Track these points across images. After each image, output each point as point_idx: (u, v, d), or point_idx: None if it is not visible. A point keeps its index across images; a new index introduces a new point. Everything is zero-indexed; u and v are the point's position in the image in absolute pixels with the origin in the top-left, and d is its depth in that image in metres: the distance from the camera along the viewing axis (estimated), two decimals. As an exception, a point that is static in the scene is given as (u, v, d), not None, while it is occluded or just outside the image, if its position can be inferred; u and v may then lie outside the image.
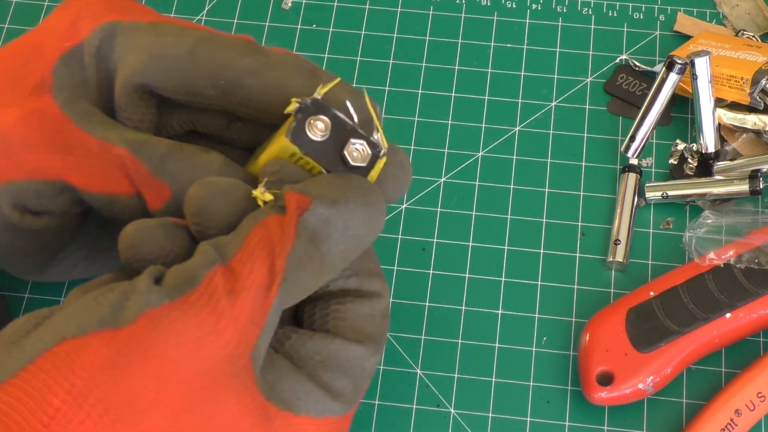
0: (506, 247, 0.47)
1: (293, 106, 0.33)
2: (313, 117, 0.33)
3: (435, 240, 0.47)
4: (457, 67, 0.52)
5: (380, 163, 0.34)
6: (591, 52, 0.52)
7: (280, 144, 0.33)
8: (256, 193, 0.32)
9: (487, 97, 0.51)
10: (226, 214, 0.32)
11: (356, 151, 0.33)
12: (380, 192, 0.33)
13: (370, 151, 0.33)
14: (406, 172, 0.35)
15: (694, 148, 0.48)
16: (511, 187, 0.49)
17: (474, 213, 0.48)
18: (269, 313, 0.30)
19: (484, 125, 0.50)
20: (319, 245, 0.31)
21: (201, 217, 0.32)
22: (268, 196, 0.32)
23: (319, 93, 0.34)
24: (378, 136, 0.34)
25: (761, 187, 0.46)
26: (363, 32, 0.53)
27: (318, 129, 0.33)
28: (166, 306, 0.29)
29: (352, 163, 0.33)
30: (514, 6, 0.54)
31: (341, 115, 0.33)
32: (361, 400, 0.34)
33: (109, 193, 0.35)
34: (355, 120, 0.34)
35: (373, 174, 0.34)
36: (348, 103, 0.34)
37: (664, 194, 0.47)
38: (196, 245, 0.31)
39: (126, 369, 0.28)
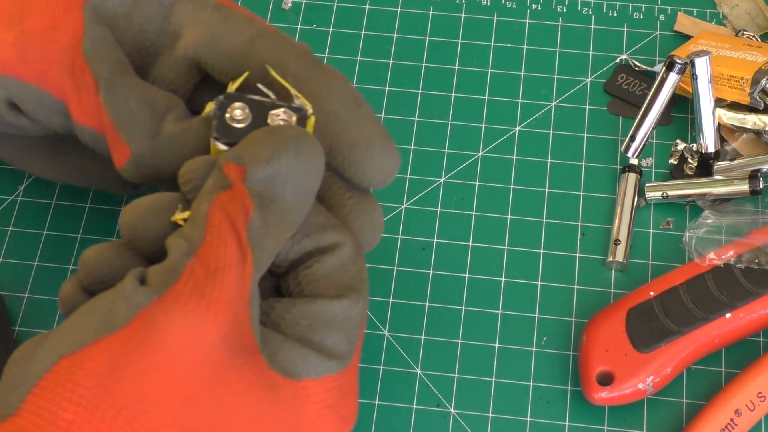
0: (506, 247, 0.47)
1: (209, 108, 0.34)
2: (228, 108, 0.33)
3: (435, 240, 0.47)
4: (457, 67, 0.52)
5: (311, 122, 0.34)
6: (591, 52, 0.52)
7: (213, 147, 0.34)
8: (175, 218, 0.33)
9: (487, 97, 0.51)
10: (157, 229, 0.32)
11: (280, 120, 0.34)
12: (310, 134, 0.33)
13: (295, 115, 0.34)
14: (374, 209, 0.37)
15: (694, 148, 0.48)
16: (511, 187, 0.49)
17: (474, 213, 0.48)
18: (251, 285, 0.31)
19: (484, 125, 0.50)
20: (271, 206, 0.32)
21: (137, 241, 0.33)
22: (186, 214, 0.32)
23: (230, 88, 0.35)
24: (298, 101, 0.34)
25: (761, 187, 0.46)
26: (363, 32, 0.53)
27: (237, 115, 0.33)
28: (156, 302, 0.30)
29: None
30: (514, 6, 0.54)
31: (256, 97, 0.34)
32: (359, 349, 0.34)
33: (96, 129, 0.36)
34: (272, 96, 0.34)
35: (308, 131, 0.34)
36: (258, 85, 0.35)
37: (664, 194, 0.47)
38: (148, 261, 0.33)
39: (128, 369, 0.29)
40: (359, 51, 0.53)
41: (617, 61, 0.52)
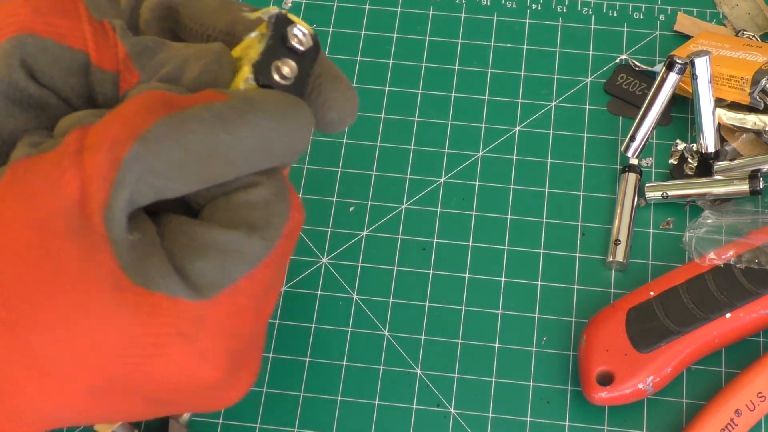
0: (506, 247, 0.47)
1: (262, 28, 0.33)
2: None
3: (435, 240, 0.47)
4: (457, 67, 0.52)
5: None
6: (591, 52, 0.52)
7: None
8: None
9: (487, 97, 0.51)
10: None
11: (296, 36, 0.33)
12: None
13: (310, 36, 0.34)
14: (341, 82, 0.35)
15: (694, 148, 0.48)
16: (511, 187, 0.49)
17: (474, 213, 0.48)
18: (120, 169, 0.29)
19: (484, 125, 0.50)
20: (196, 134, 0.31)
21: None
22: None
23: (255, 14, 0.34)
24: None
25: (761, 187, 0.46)
26: (363, 32, 0.53)
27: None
28: (23, 161, 0.30)
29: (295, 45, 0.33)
30: (514, 6, 0.54)
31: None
32: (269, 302, 0.33)
33: (116, 72, 0.36)
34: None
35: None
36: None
37: (664, 194, 0.47)
38: None
39: None
40: (359, 51, 0.53)
41: (617, 61, 0.52)
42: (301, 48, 0.33)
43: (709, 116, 0.47)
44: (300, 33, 0.33)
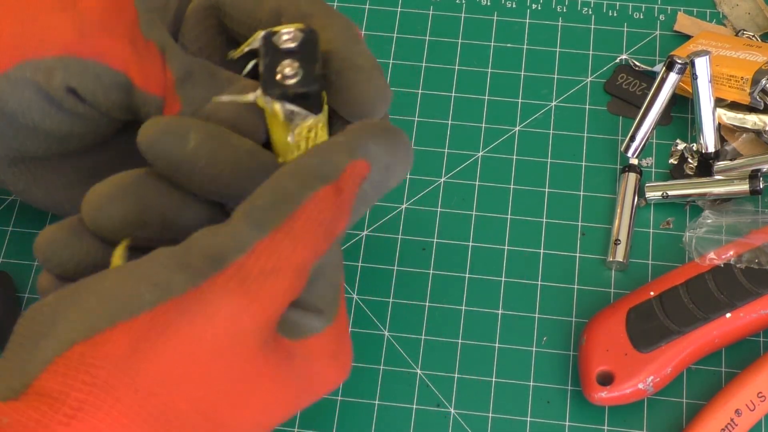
0: (506, 247, 0.47)
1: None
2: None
3: (435, 240, 0.47)
4: (457, 67, 0.52)
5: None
6: (591, 52, 0.52)
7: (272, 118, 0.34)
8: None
9: (487, 97, 0.51)
10: (122, 216, 0.32)
11: (286, 37, 0.34)
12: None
13: (302, 35, 0.34)
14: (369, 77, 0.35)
15: (694, 148, 0.48)
16: (511, 187, 0.49)
17: (474, 213, 0.48)
18: (305, 284, 0.30)
19: (484, 125, 0.50)
20: (361, 208, 0.31)
21: (102, 231, 0.32)
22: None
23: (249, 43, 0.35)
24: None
25: (761, 187, 0.46)
26: (363, 32, 0.53)
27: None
28: (191, 293, 0.28)
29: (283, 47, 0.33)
30: (514, 6, 0.54)
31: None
32: (343, 297, 0.35)
33: (159, 96, 0.36)
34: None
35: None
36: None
37: (664, 194, 0.47)
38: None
39: (150, 352, 0.28)
40: (359, 51, 0.53)
41: (617, 61, 0.52)
42: (294, 44, 0.33)
43: (709, 116, 0.47)
44: (286, 34, 0.33)
